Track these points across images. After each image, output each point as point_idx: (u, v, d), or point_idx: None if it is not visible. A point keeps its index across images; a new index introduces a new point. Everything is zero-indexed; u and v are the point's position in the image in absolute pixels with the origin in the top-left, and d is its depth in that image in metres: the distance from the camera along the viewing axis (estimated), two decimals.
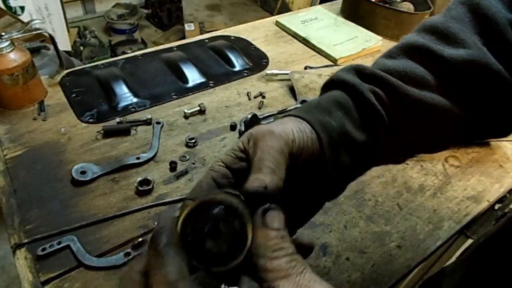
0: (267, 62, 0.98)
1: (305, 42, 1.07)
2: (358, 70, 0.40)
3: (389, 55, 0.42)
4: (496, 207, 0.77)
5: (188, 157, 0.70)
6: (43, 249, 0.53)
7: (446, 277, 0.54)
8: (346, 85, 0.39)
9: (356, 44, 1.06)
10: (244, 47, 1.03)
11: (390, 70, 0.39)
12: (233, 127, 0.77)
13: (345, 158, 0.37)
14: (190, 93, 0.86)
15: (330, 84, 0.42)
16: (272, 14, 3.15)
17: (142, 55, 0.97)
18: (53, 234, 0.55)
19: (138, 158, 0.68)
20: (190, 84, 0.88)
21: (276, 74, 0.91)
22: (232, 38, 1.07)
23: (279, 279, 0.26)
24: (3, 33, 0.71)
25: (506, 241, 0.45)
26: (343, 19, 1.18)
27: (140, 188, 0.62)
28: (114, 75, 0.86)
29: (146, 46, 2.79)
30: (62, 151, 0.69)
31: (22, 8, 1.88)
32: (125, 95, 0.82)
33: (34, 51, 1.23)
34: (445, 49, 0.38)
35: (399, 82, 0.38)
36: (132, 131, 0.74)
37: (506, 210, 0.68)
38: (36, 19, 0.79)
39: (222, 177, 0.34)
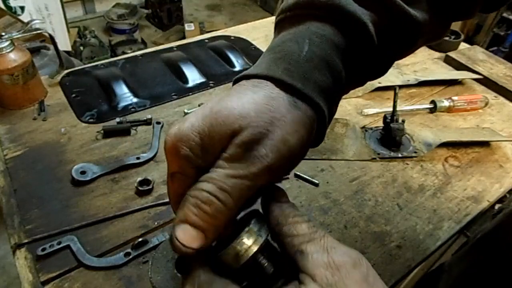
0: None
1: None
2: None
3: None
4: (496, 207, 0.77)
5: None
6: (43, 249, 0.53)
7: (444, 273, 0.54)
8: (344, 15, 0.30)
9: None
10: (244, 47, 1.03)
11: None
12: None
13: (334, 108, 0.34)
14: (190, 93, 0.86)
15: (310, 5, 0.31)
16: (272, 14, 3.14)
17: (142, 55, 0.97)
18: (53, 234, 0.55)
19: (138, 158, 0.68)
20: (190, 84, 0.88)
21: None
22: (232, 38, 1.07)
23: (305, 242, 0.27)
24: (3, 33, 0.71)
25: (501, 237, 0.45)
26: None
27: (140, 188, 0.62)
28: (114, 75, 0.86)
29: (146, 46, 2.80)
30: (62, 151, 0.69)
31: (22, 8, 1.88)
32: (125, 95, 0.82)
33: (34, 51, 1.23)
34: None
35: (401, 5, 0.32)
36: (132, 131, 0.74)
37: (502, 207, 0.68)
38: (36, 19, 0.79)
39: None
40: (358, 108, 0.84)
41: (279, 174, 0.29)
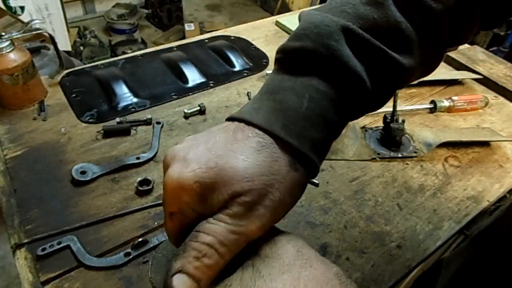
0: (267, 62, 0.98)
1: None
2: (351, 38, 0.32)
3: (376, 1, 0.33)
4: None
5: None
6: (43, 249, 0.53)
7: (442, 269, 0.54)
8: (346, 72, 0.32)
9: None
10: (244, 47, 1.03)
11: (382, 30, 0.33)
12: None
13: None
14: (190, 93, 0.86)
15: (313, 56, 0.32)
16: (272, 14, 3.15)
17: (142, 55, 0.97)
18: (53, 234, 0.55)
19: (138, 158, 0.68)
20: (190, 84, 0.88)
21: None
22: (232, 38, 1.07)
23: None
24: (3, 33, 0.71)
25: (497, 232, 0.45)
26: None
27: (140, 188, 0.62)
28: (114, 75, 0.86)
29: (146, 46, 2.80)
30: (62, 151, 0.69)
31: (22, 8, 1.88)
32: (125, 95, 0.82)
33: (34, 51, 1.23)
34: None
35: (389, 53, 0.33)
36: (132, 131, 0.74)
37: (499, 203, 0.68)
38: (36, 19, 0.79)
39: None
40: None
41: (270, 226, 0.31)
